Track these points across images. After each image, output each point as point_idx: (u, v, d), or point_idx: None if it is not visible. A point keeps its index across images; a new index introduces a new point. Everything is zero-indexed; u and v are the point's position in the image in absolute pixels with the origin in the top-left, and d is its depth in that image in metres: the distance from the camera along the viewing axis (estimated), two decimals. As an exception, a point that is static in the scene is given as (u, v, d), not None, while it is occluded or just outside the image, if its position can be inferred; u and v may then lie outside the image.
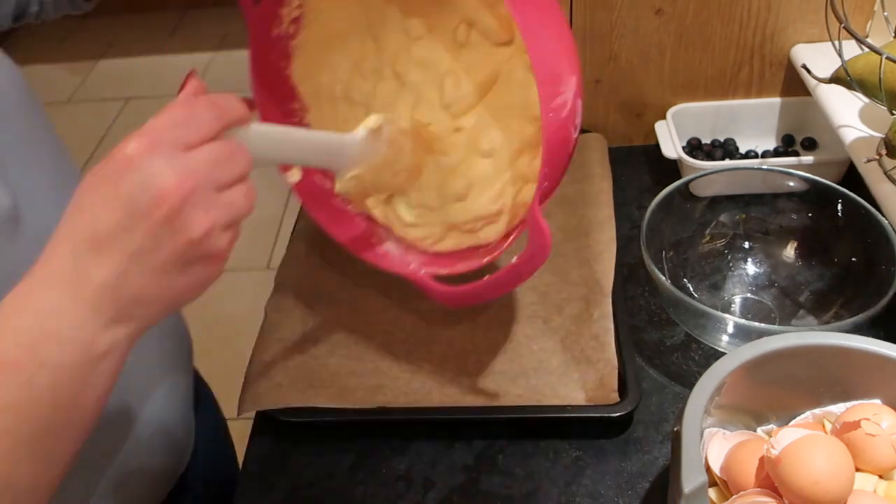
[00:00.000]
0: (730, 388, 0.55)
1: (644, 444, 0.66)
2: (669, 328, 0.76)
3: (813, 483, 0.48)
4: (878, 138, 0.77)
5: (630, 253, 0.83)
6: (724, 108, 0.95)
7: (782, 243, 0.80)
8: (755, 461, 0.53)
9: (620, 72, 0.94)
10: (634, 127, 0.99)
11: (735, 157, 0.93)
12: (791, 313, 0.76)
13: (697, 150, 0.94)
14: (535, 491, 0.63)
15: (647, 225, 0.74)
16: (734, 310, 0.77)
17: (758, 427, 0.59)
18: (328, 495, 0.65)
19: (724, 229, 0.81)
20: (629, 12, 0.89)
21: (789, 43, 0.91)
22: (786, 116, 0.95)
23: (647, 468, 0.64)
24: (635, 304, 0.78)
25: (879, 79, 0.70)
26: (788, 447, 0.50)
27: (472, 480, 0.65)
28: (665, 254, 0.77)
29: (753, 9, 0.88)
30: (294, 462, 0.68)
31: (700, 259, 0.80)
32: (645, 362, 0.73)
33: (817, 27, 0.89)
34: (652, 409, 0.69)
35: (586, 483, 0.64)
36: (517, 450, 0.67)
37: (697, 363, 0.72)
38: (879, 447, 0.52)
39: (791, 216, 0.80)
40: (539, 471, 0.65)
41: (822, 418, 0.57)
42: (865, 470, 0.53)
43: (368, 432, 0.69)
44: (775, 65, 0.93)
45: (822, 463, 0.49)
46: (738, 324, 0.68)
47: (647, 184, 0.94)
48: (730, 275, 0.80)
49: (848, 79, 0.76)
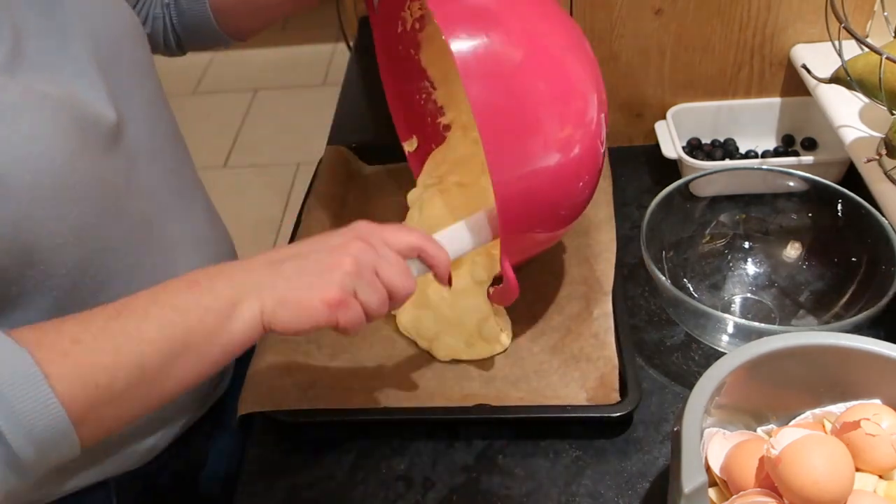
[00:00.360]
0: (730, 388, 0.55)
1: (644, 444, 0.66)
2: (669, 328, 0.76)
3: (813, 483, 0.48)
4: (878, 138, 0.77)
5: (630, 253, 0.83)
6: (724, 108, 0.95)
7: (782, 243, 0.80)
8: (755, 461, 0.53)
9: (620, 72, 0.94)
10: (634, 127, 0.99)
11: (735, 157, 0.93)
12: (791, 313, 0.76)
13: (697, 150, 0.94)
14: (535, 491, 0.63)
15: (647, 225, 0.74)
16: (734, 310, 0.77)
17: (758, 427, 0.59)
18: (328, 495, 0.65)
19: (724, 229, 0.81)
20: (629, 12, 0.89)
21: (789, 43, 0.91)
22: (786, 116, 0.95)
23: (647, 468, 0.64)
24: (635, 304, 0.78)
25: (879, 79, 0.70)
26: (788, 447, 0.50)
27: (472, 480, 0.65)
28: (665, 254, 0.77)
29: (753, 9, 0.88)
30: (294, 462, 0.68)
31: (700, 259, 0.80)
32: (645, 362, 0.73)
33: (817, 27, 0.89)
34: (652, 409, 0.69)
35: (586, 483, 0.64)
36: (517, 450, 0.67)
37: (697, 363, 0.72)
38: (879, 447, 0.52)
39: (791, 216, 0.80)
40: (539, 471, 0.65)
41: (822, 418, 0.57)
42: (865, 470, 0.53)
43: (368, 432, 0.69)
44: (775, 65, 0.93)
45: (821, 463, 0.49)
46: (738, 324, 0.68)
47: (647, 184, 0.94)
48: (730, 275, 0.80)
49: (848, 79, 0.76)
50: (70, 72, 0.57)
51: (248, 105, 2.74)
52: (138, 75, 0.65)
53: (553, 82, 0.59)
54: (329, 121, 1.10)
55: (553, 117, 0.59)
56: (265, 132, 2.61)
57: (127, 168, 0.61)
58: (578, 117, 0.61)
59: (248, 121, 2.67)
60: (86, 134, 0.56)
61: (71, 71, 0.57)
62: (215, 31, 0.80)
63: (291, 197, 2.28)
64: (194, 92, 2.83)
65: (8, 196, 0.50)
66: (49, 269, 0.55)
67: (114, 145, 0.60)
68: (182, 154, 0.73)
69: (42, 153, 0.51)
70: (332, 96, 1.19)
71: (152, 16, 0.80)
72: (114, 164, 0.59)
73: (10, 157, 0.50)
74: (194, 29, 0.81)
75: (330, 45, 2.93)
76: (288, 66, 2.89)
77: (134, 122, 0.63)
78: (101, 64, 0.60)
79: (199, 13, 0.79)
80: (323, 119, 1.15)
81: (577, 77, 0.61)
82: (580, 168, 0.62)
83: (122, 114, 0.61)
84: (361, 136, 1.03)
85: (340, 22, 1.39)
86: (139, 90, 0.65)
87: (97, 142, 0.57)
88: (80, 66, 0.58)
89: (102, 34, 0.61)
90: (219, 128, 2.62)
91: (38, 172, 0.51)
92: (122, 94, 0.62)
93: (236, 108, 2.72)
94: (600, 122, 0.62)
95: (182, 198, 0.70)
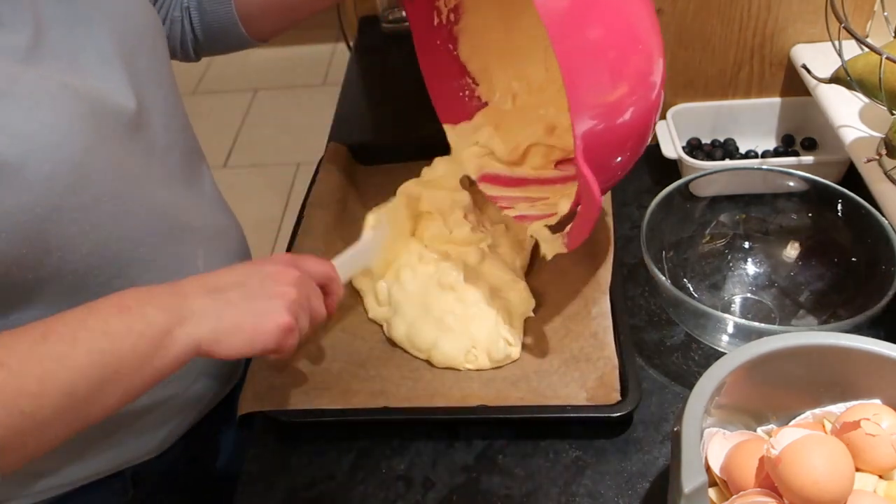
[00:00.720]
0: (730, 388, 0.55)
1: (644, 444, 0.66)
2: (669, 328, 0.76)
3: (813, 483, 0.48)
4: (878, 138, 0.77)
5: (630, 253, 0.83)
6: (724, 108, 0.95)
7: (782, 243, 0.80)
8: (755, 461, 0.53)
9: (620, 72, 0.94)
10: (634, 127, 0.99)
11: (735, 157, 0.93)
12: (791, 313, 0.76)
13: (697, 150, 0.94)
14: (535, 491, 0.63)
15: (647, 225, 0.74)
16: (734, 310, 0.77)
17: (758, 427, 0.59)
18: (328, 495, 0.65)
19: (724, 229, 0.81)
20: (629, 12, 0.89)
21: (789, 43, 0.91)
22: (786, 116, 0.95)
23: (647, 468, 0.64)
24: (635, 304, 0.78)
25: (879, 79, 0.70)
26: (788, 447, 0.50)
27: (472, 480, 0.65)
28: (665, 254, 0.77)
29: (753, 9, 0.88)
30: (294, 462, 0.68)
31: (700, 259, 0.80)
32: (645, 362, 0.73)
33: (817, 27, 0.89)
34: (652, 409, 0.69)
35: (586, 483, 0.64)
36: (517, 450, 0.67)
37: (697, 363, 0.72)
38: (879, 447, 0.52)
39: (791, 216, 0.79)
40: (539, 471, 0.65)
41: (822, 418, 0.57)
42: (865, 470, 0.53)
43: (368, 432, 0.69)
44: (775, 65, 0.93)
45: (821, 463, 0.49)
46: (738, 324, 0.68)
47: (647, 184, 0.94)
48: (730, 275, 0.80)
49: (848, 79, 0.76)
50: (92, 61, 0.57)
51: (248, 105, 2.74)
52: (157, 68, 0.66)
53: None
54: (329, 121, 1.10)
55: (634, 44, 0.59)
56: (265, 132, 2.61)
57: (145, 158, 0.62)
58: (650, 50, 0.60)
59: (248, 121, 2.67)
60: (105, 123, 0.56)
61: (93, 60, 0.57)
62: (240, 32, 0.79)
63: (291, 197, 2.28)
64: (194, 92, 2.83)
65: (26, 185, 0.50)
66: (65, 255, 0.55)
67: (133, 135, 0.60)
68: (195, 148, 0.74)
69: (60, 143, 0.52)
70: (332, 96, 1.19)
71: (170, 18, 0.79)
72: (132, 154, 0.60)
73: (28, 146, 0.50)
74: (218, 31, 0.80)
75: (330, 45, 2.93)
76: (288, 66, 2.89)
77: (152, 113, 0.63)
78: (123, 54, 0.60)
79: (223, 14, 0.78)
80: (323, 119, 1.15)
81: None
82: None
83: (142, 104, 0.61)
84: (361, 136, 1.03)
85: (340, 22, 1.39)
86: (157, 82, 0.65)
87: (116, 131, 0.58)
88: (102, 56, 0.58)
89: (124, 25, 0.61)
90: (219, 128, 2.62)
91: (57, 162, 0.51)
92: (143, 84, 0.62)
93: (236, 108, 2.72)
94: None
95: (196, 190, 0.71)
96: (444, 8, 0.79)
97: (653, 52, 0.60)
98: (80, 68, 0.56)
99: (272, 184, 2.34)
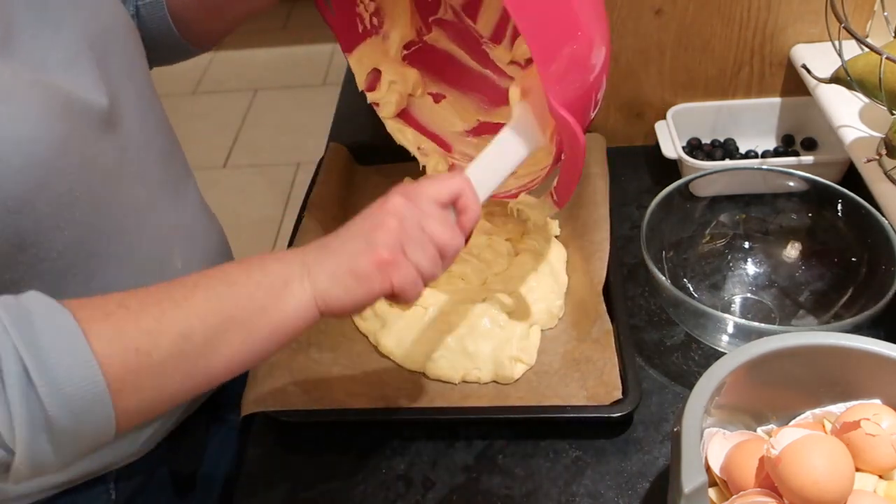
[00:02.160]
0: (730, 388, 0.55)
1: (644, 444, 0.66)
2: (669, 328, 0.76)
3: (813, 483, 0.48)
4: (878, 138, 0.77)
5: (630, 253, 0.83)
6: (724, 108, 0.95)
7: (782, 243, 0.80)
8: (755, 461, 0.53)
9: (620, 72, 0.94)
10: (634, 127, 0.99)
11: (735, 157, 0.93)
12: (791, 313, 0.76)
13: (697, 150, 0.94)
14: (535, 491, 0.63)
15: (647, 225, 0.74)
16: (734, 310, 0.77)
17: (758, 427, 0.59)
18: (328, 495, 0.65)
19: (724, 229, 0.81)
20: (629, 12, 0.89)
21: (789, 43, 0.91)
22: (786, 116, 0.95)
23: (647, 468, 0.64)
24: (635, 304, 0.78)
25: (879, 79, 0.70)
26: (788, 447, 0.50)
27: (472, 480, 0.65)
28: (665, 254, 0.77)
29: (753, 9, 0.88)
30: (294, 462, 0.68)
31: (700, 259, 0.80)
32: (645, 362, 0.73)
33: (817, 27, 0.89)
34: (652, 409, 0.69)
35: (586, 483, 0.64)
36: (517, 450, 0.67)
37: (697, 363, 0.72)
38: (879, 447, 0.52)
39: (791, 216, 0.80)
40: (539, 471, 0.65)
41: (822, 418, 0.57)
42: (865, 470, 0.53)
43: (368, 432, 0.69)
44: (775, 65, 0.93)
45: (821, 463, 0.49)
46: (738, 324, 0.68)
47: (647, 184, 0.94)
48: (730, 275, 0.80)
49: (848, 79, 0.76)
50: (61, 60, 0.57)
51: (248, 105, 2.74)
52: (129, 66, 0.65)
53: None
54: (329, 121, 1.10)
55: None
56: (265, 132, 2.61)
57: (118, 154, 0.61)
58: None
59: (248, 121, 2.67)
60: (77, 119, 0.56)
61: (62, 59, 0.57)
62: (175, 37, 0.77)
63: (291, 197, 2.28)
64: (194, 92, 2.83)
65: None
66: (40, 252, 0.54)
67: (105, 131, 0.60)
68: (173, 146, 0.73)
69: (31, 136, 0.51)
70: (332, 96, 1.19)
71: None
72: (105, 150, 0.59)
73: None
74: (157, 37, 0.76)
75: (330, 45, 2.92)
76: (288, 66, 2.89)
77: (125, 111, 0.63)
78: (94, 53, 0.60)
79: (158, 20, 0.75)
80: (323, 119, 1.15)
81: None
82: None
83: (114, 101, 0.61)
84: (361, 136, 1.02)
85: (340, 22, 1.38)
86: (130, 80, 0.65)
87: (89, 126, 0.57)
88: (72, 55, 0.58)
89: (94, 25, 0.61)
90: (219, 128, 2.62)
91: (27, 155, 0.51)
92: (114, 82, 0.62)
93: (236, 108, 2.72)
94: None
95: (173, 188, 0.70)
96: (366, 13, 0.79)
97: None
98: (50, 67, 0.56)
99: (272, 184, 2.34)
